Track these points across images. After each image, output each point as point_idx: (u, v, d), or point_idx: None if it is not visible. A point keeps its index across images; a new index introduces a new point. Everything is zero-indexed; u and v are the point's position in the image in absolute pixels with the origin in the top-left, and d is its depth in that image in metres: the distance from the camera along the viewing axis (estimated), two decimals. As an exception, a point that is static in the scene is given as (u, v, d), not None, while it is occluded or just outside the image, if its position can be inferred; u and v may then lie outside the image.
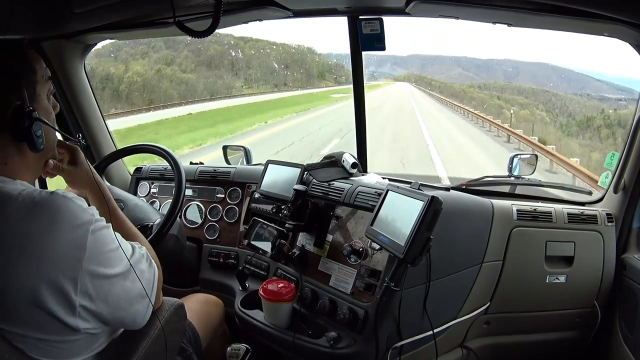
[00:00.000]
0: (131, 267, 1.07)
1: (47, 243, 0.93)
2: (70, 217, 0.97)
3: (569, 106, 22.72)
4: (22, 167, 1.07)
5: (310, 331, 1.67)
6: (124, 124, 16.60)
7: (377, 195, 1.72)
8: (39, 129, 1.04)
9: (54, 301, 0.93)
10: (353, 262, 1.73)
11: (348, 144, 10.71)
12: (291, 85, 36.51)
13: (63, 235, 0.95)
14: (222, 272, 2.19)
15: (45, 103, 1.11)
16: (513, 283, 1.92)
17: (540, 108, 24.36)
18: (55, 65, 2.14)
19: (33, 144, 1.04)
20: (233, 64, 33.01)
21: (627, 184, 1.92)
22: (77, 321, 0.97)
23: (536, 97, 26.62)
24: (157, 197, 2.42)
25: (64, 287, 0.94)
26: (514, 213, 1.94)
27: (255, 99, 29.34)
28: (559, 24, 1.70)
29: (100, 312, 1.01)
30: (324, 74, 41.13)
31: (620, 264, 1.96)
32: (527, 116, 23.43)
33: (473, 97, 30.57)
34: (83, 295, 0.96)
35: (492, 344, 2.03)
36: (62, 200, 0.98)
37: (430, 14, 1.93)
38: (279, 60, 37.05)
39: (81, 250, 0.96)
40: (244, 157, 2.63)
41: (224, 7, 1.30)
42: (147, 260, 1.16)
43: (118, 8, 1.68)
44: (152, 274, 1.15)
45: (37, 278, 0.92)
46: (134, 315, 1.10)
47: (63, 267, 0.94)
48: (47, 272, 0.92)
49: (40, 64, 1.10)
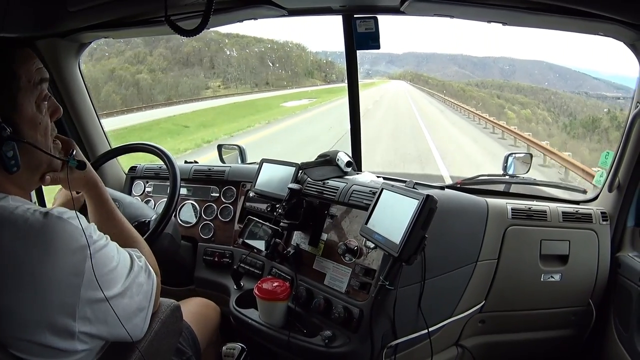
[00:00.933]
0: (130, 283, 1.05)
1: (44, 271, 0.89)
2: (67, 242, 0.92)
3: (569, 105, 21.99)
4: (8, 183, 1.00)
5: (305, 330, 1.67)
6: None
7: (372, 193, 1.72)
8: (9, 150, 0.95)
9: (50, 334, 0.91)
10: (348, 260, 1.72)
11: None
12: (272, 85, 34.18)
13: (60, 262, 0.91)
14: (217, 271, 2.18)
15: (30, 113, 1.00)
16: (508, 282, 1.93)
17: (541, 107, 23.60)
18: (50, 64, 2.13)
19: (4, 166, 0.96)
20: (212, 62, 30.64)
21: (622, 183, 1.93)
22: (76, 344, 0.95)
23: (535, 95, 25.85)
24: (151, 196, 2.41)
25: (62, 319, 0.91)
26: (508, 212, 1.95)
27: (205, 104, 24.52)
28: (553, 23, 1.71)
29: (100, 333, 1.00)
30: (312, 72, 39.08)
31: (614, 263, 1.96)
32: (529, 116, 22.66)
33: (473, 96, 29.77)
34: (82, 320, 0.94)
35: (487, 342, 2.03)
36: (58, 224, 0.93)
37: (425, 13, 1.93)
38: (263, 58, 34.41)
39: (79, 276, 0.93)
40: (238, 155, 2.63)
41: (219, 6, 1.30)
42: (146, 271, 1.13)
43: (112, 6, 1.67)
44: (150, 285, 1.13)
45: (34, 311, 0.89)
46: (133, 330, 1.08)
47: (61, 296, 0.91)
48: (44, 304, 0.89)
49: (28, 66, 1.01)
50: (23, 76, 0.99)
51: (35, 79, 1.02)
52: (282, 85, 34.33)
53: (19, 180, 1.02)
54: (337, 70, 39.22)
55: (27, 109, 1.00)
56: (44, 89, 1.05)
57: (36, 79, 1.02)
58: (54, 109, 1.10)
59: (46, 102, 1.06)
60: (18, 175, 0.99)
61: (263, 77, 34.42)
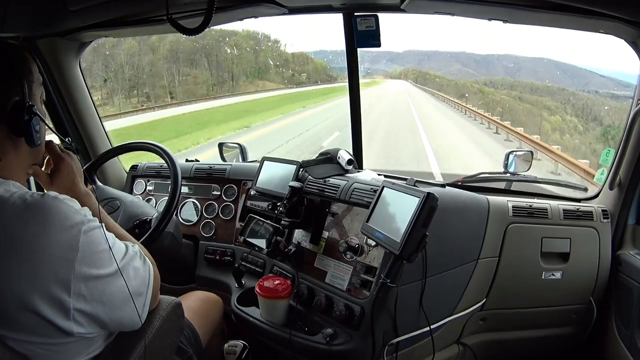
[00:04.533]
0: (125, 265, 1.07)
1: (39, 245, 0.93)
2: (62, 218, 0.97)
3: (591, 107, 19.32)
4: (15, 164, 1.07)
5: (307, 328, 1.68)
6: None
7: (373, 191, 1.71)
8: (37, 124, 1.05)
9: (46, 304, 0.93)
10: (349, 258, 1.73)
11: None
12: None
13: (55, 237, 0.95)
14: (218, 270, 2.18)
15: (39, 104, 1.11)
16: (509, 279, 1.93)
17: (568, 112, 20.59)
18: (51, 63, 2.14)
19: (31, 139, 1.05)
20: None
21: (623, 181, 1.93)
22: (71, 325, 0.97)
23: (552, 96, 23.31)
24: (153, 195, 2.41)
25: (56, 290, 0.93)
26: (509, 209, 1.95)
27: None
28: (555, 21, 1.71)
29: (96, 313, 1.01)
30: (263, 72, 28.41)
31: (615, 260, 1.97)
32: (559, 124, 19.22)
33: (495, 99, 24.71)
34: (77, 297, 0.96)
35: (488, 340, 2.04)
36: (54, 202, 0.98)
37: (426, 11, 1.94)
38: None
39: (73, 251, 0.96)
40: (239, 154, 2.63)
41: (219, 4, 1.30)
42: (142, 257, 1.15)
43: (112, 5, 1.68)
44: (147, 271, 1.14)
45: (30, 280, 0.92)
46: (131, 315, 1.09)
47: (56, 269, 0.93)
48: (39, 274, 0.92)
49: (35, 67, 1.11)
50: (34, 73, 1.10)
51: (39, 79, 1.12)
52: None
53: (24, 162, 1.11)
54: (312, 68, 31.61)
55: (37, 101, 1.10)
56: (43, 90, 1.15)
57: (39, 79, 1.13)
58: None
59: (42, 102, 1.16)
60: (24, 157, 1.09)
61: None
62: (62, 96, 2.26)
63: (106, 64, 20.88)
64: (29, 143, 1.05)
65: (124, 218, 1.86)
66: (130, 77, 22.63)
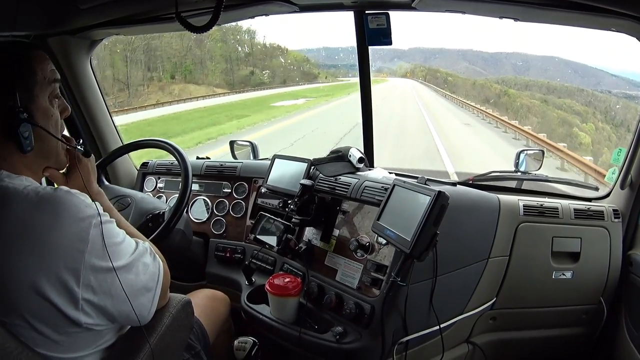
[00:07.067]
0: (135, 260, 1.09)
1: (50, 236, 0.96)
2: (74, 211, 0.99)
3: (616, 111, 17.91)
4: (22, 165, 1.08)
5: (317, 326, 1.68)
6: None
7: (384, 190, 1.72)
8: (26, 131, 1.04)
9: (55, 291, 0.95)
10: (359, 256, 1.73)
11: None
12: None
13: (66, 228, 0.97)
14: (228, 267, 2.19)
15: (43, 105, 1.10)
16: (519, 279, 1.93)
17: (598, 118, 18.77)
18: (62, 61, 2.15)
19: (20, 145, 1.04)
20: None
21: (634, 180, 1.91)
22: (80, 315, 0.99)
23: (571, 97, 22.04)
24: (163, 192, 2.43)
25: (66, 279, 0.96)
26: (520, 208, 1.94)
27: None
28: (566, 19, 1.70)
29: (104, 305, 1.03)
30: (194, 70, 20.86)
31: (626, 261, 1.95)
32: (593, 133, 17.21)
33: (523, 103, 22.07)
34: (86, 288, 0.98)
35: (498, 339, 2.03)
36: (66, 195, 1.00)
37: (437, 9, 1.94)
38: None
39: (84, 242, 0.98)
40: (251, 152, 2.64)
41: (230, 2, 1.31)
42: (151, 254, 1.17)
43: (122, 3, 1.69)
44: (156, 267, 1.16)
45: (40, 269, 0.94)
46: (139, 309, 1.10)
47: (66, 259, 0.96)
48: (50, 264, 0.95)
49: (44, 65, 1.10)
50: (39, 72, 1.09)
51: (50, 77, 1.11)
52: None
53: (32, 164, 1.11)
54: (274, 65, 28.68)
55: (41, 101, 1.10)
56: (56, 88, 1.14)
57: (50, 77, 1.12)
58: (64, 107, 1.19)
59: (57, 99, 1.16)
60: (31, 159, 1.09)
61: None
62: (73, 94, 2.27)
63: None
64: (19, 149, 1.04)
65: (136, 214, 1.87)
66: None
